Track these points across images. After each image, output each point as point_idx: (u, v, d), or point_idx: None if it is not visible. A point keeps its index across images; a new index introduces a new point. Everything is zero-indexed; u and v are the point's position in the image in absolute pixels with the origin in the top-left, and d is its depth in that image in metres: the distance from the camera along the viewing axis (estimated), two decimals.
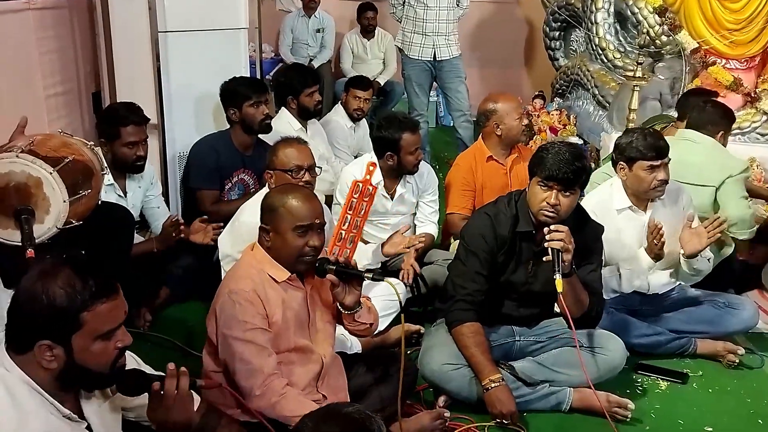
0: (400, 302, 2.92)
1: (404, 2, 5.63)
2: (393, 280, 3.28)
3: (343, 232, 3.22)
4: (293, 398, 2.26)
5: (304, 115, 4.40)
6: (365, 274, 2.36)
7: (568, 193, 2.63)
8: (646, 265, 3.19)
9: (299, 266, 2.34)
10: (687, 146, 3.49)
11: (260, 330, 2.26)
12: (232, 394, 2.15)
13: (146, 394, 1.83)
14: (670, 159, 3.08)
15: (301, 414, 2.19)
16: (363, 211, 3.24)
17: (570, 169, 2.59)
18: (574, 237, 2.60)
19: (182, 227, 3.39)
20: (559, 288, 2.50)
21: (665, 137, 3.29)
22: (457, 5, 5.64)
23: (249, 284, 2.27)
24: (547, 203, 2.61)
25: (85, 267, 1.65)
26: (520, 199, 2.81)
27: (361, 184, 3.25)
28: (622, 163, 3.13)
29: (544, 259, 2.58)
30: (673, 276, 3.32)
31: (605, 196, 3.24)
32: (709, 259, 3.21)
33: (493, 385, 2.66)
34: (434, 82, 5.96)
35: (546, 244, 2.55)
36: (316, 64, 6.87)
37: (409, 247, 3.30)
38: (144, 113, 3.46)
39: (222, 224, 3.33)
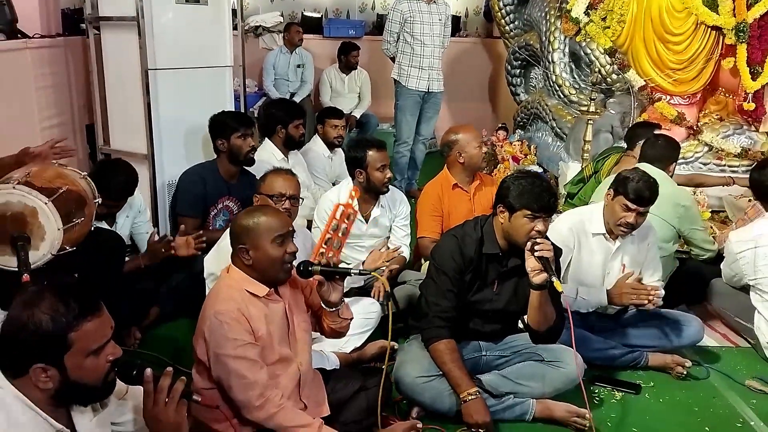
0: (392, 309, 2.85)
1: (398, 39, 5.75)
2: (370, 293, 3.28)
3: (324, 250, 3.21)
4: (290, 410, 2.27)
5: (290, 145, 4.42)
6: (351, 270, 2.40)
7: (549, 218, 2.69)
8: (597, 303, 3.20)
9: (281, 274, 2.34)
10: None
11: (250, 345, 2.24)
12: (227, 417, 2.11)
13: (133, 411, 1.81)
14: (647, 212, 3.12)
15: (297, 425, 2.23)
16: (342, 232, 3.23)
17: (552, 196, 2.67)
18: None
19: (172, 244, 3.35)
20: (560, 288, 2.52)
21: (623, 168, 3.36)
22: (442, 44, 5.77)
23: (233, 304, 2.24)
24: (537, 232, 2.63)
25: (66, 290, 1.62)
26: (486, 224, 2.82)
27: (342, 207, 3.24)
28: (611, 190, 3.17)
29: (528, 269, 2.58)
30: None
31: (585, 218, 3.28)
32: (655, 305, 3.23)
33: (470, 397, 2.65)
34: None
35: (538, 254, 2.56)
36: (297, 99, 6.89)
37: (388, 261, 3.28)
38: (129, 192, 3.39)
39: (201, 235, 3.38)
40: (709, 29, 5.13)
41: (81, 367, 1.61)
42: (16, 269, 2.16)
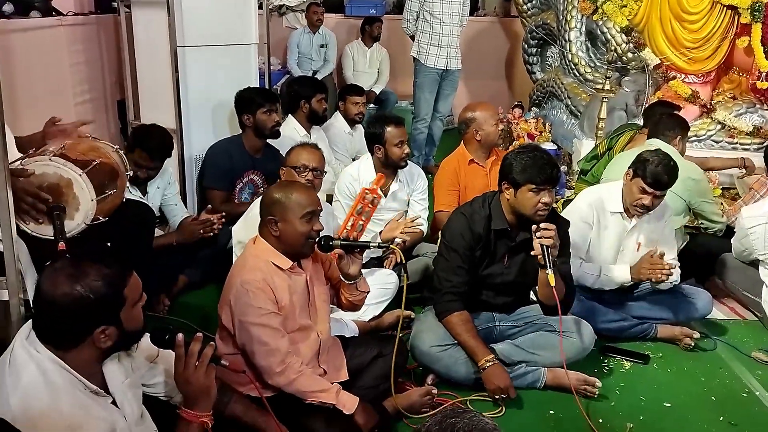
0: (402, 285, 2.82)
1: (417, 17, 5.68)
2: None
3: (346, 232, 3.21)
4: (309, 376, 2.30)
5: (314, 119, 4.43)
6: (371, 243, 2.44)
7: (553, 190, 2.66)
8: (622, 281, 3.18)
9: (305, 249, 2.35)
10: None
11: (273, 314, 2.26)
12: (252, 380, 2.13)
13: (164, 374, 1.85)
14: (664, 194, 3.07)
15: (316, 390, 2.25)
16: (366, 216, 3.22)
17: (554, 168, 2.63)
18: None
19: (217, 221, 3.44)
20: (552, 282, 2.50)
21: (636, 145, 3.31)
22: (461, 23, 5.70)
23: (259, 275, 2.26)
24: (543, 204, 2.61)
25: (97, 255, 1.65)
26: (494, 201, 2.80)
27: (368, 191, 3.24)
28: (630, 170, 3.12)
29: (532, 253, 2.58)
30: None
31: (605, 195, 3.24)
32: (672, 282, 3.20)
33: (488, 364, 2.66)
34: None
35: (537, 242, 2.55)
36: (319, 76, 6.86)
37: (404, 231, 3.28)
38: (166, 153, 3.42)
39: (222, 217, 3.43)
40: (725, 8, 5.02)
41: (131, 318, 1.67)
42: (52, 238, 2.19)
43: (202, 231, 3.43)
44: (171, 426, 1.83)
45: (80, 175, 2.24)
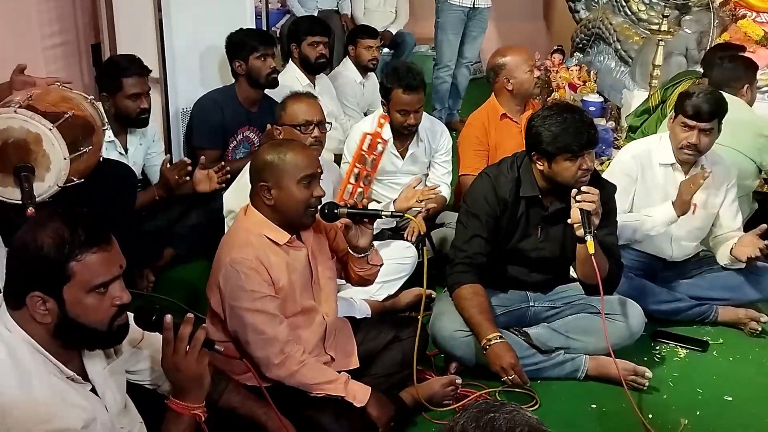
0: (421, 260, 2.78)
1: None
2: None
3: (351, 186, 3.21)
4: (313, 366, 2.31)
5: (305, 67, 4.37)
6: (382, 212, 2.41)
7: (591, 152, 2.65)
8: (664, 218, 3.12)
9: (305, 219, 2.34)
10: None
11: (269, 297, 2.26)
12: (249, 368, 2.13)
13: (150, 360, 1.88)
14: (710, 128, 3.04)
15: (321, 381, 2.27)
16: (370, 165, 3.22)
17: (591, 128, 2.61)
18: None
19: (193, 179, 3.41)
20: (591, 249, 2.49)
21: None
22: None
23: (251, 252, 2.25)
24: (582, 170, 2.60)
25: (76, 217, 1.64)
26: (523, 164, 2.78)
27: (370, 137, 3.22)
28: (673, 112, 3.13)
29: (569, 221, 2.58)
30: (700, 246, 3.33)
31: (653, 146, 3.24)
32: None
33: (491, 343, 2.61)
34: None
35: (578, 206, 2.54)
36: (322, 5, 6.72)
37: (421, 200, 3.28)
38: (145, 64, 3.43)
39: (225, 167, 3.40)
40: None
41: (80, 304, 1.63)
42: (20, 202, 2.20)
43: (177, 177, 3.38)
44: (158, 418, 1.83)
45: (50, 129, 2.25)
